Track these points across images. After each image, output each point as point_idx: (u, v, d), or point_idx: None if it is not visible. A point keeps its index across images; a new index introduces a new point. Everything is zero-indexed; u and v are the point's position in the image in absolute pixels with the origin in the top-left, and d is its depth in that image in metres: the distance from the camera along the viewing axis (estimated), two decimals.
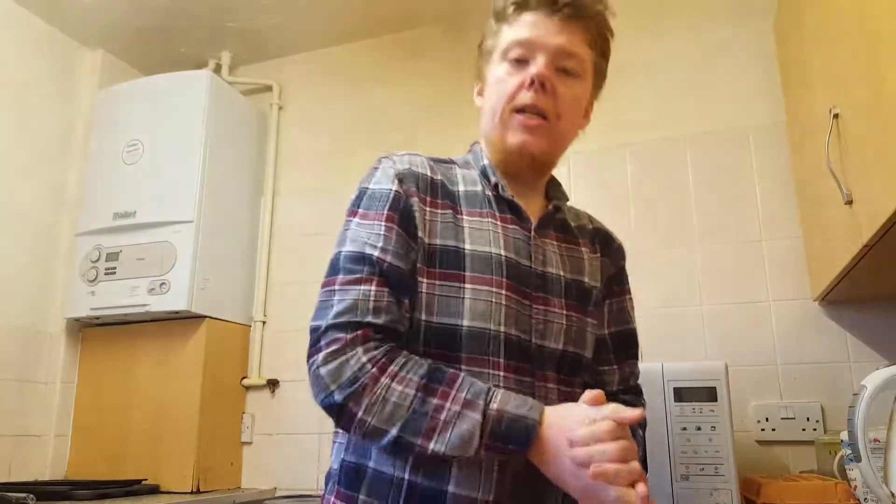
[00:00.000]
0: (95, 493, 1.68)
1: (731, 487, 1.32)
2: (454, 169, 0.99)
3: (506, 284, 0.87)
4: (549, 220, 0.98)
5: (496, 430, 0.76)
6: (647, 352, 1.85)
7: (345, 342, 0.80)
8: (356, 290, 0.83)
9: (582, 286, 0.97)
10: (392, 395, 0.78)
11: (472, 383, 0.80)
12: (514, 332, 0.87)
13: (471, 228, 0.91)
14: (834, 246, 1.42)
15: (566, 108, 0.94)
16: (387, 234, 0.86)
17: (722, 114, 1.94)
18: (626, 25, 2.10)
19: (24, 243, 2.16)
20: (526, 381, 0.86)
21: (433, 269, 0.87)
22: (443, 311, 0.85)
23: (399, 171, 0.91)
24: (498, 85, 0.94)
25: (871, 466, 1.08)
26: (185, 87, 2.23)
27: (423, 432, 0.77)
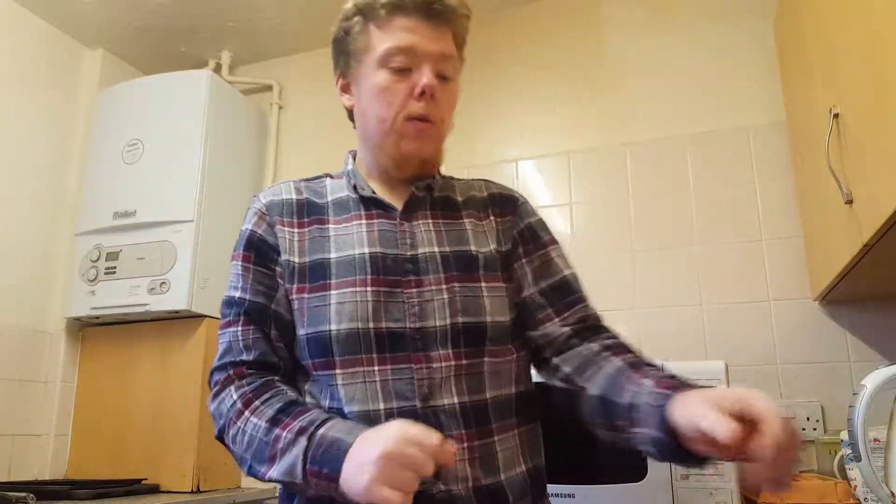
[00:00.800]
0: (95, 492, 1.68)
1: (731, 487, 1.32)
2: (325, 182, 1.03)
3: (370, 280, 0.89)
4: (417, 203, 0.98)
5: (315, 454, 0.76)
6: (647, 351, 1.85)
7: (222, 382, 0.89)
8: (229, 333, 0.92)
9: (465, 255, 0.95)
10: (248, 427, 0.83)
11: (315, 414, 0.82)
12: (385, 324, 0.87)
13: (336, 236, 0.94)
14: (834, 246, 1.42)
15: (448, 111, 0.98)
16: (244, 274, 0.94)
17: (722, 113, 1.94)
18: (627, 25, 2.12)
19: (25, 243, 2.16)
20: (403, 367, 0.86)
21: (303, 285, 0.92)
22: (313, 322, 0.89)
23: (260, 208, 0.98)
24: (383, 94, 0.93)
25: (871, 466, 1.08)
26: (186, 87, 2.22)
27: (266, 460, 0.80)
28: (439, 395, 0.86)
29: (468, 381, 0.89)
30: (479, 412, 0.88)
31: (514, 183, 2.12)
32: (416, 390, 0.86)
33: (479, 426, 0.88)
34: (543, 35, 2.21)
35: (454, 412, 0.86)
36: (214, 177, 2.17)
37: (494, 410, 0.90)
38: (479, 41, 2.27)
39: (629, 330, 1.93)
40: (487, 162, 2.16)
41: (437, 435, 0.70)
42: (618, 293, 1.91)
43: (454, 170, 2.32)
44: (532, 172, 2.12)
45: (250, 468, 0.83)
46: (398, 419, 0.77)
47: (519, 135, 2.16)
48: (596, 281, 1.93)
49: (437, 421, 0.85)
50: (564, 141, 2.10)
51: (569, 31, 2.18)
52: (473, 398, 0.88)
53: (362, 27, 0.96)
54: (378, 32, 0.94)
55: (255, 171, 2.43)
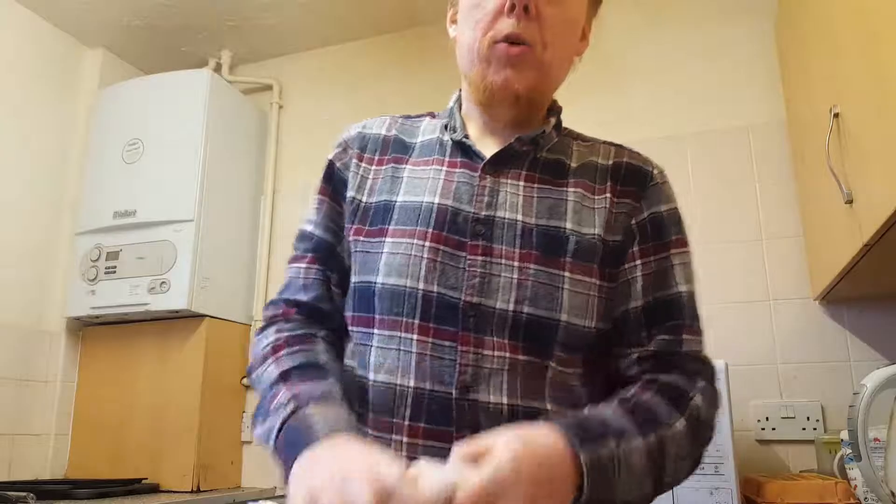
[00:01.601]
0: (95, 492, 1.68)
1: (731, 487, 1.32)
2: (423, 121, 0.91)
3: (431, 235, 0.76)
4: (511, 157, 0.81)
5: (289, 426, 0.68)
6: None
7: (269, 319, 0.85)
8: (293, 269, 0.87)
9: (556, 232, 0.77)
10: (265, 375, 0.77)
11: (318, 385, 0.72)
12: (437, 288, 0.74)
13: (410, 178, 0.82)
14: (834, 245, 1.42)
15: (556, 35, 0.79)
16: (318, 207, 0.87)
17: (722, 113, 1.94)
18: (627, 24, 2.11)
19: (25, 242, 2.16)
20: (447, 346, 0.72)
21: (362, 227, 0.82)
22: (362, 270, 0.79)
23: (346, 139, 0.89)
24: (472, 11, 0.79)
25: (871, 466, 1.08)
26: (186, 86, 2.23)
27: (261, 413, 0.74)
28: (485, 389, 0.71)
29: (524, 382, 0.72)
30: (531, 421, 0.66)
31: None
32: (456, 376, 0.71)
33: None
34: None
35: (499, 414, 0.70)
36: (214, 176, 2.17)
37: None
38: None
39: None
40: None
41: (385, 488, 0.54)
42: None
43: None
44: None
45: (254, 416, 0.76)
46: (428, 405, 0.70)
47: None
48: None
49: (473, 420, 0.70)
50: None
51: None
52: (528, 404, 0.72)
53: None
54: None
55: (255, 170, 2.42)
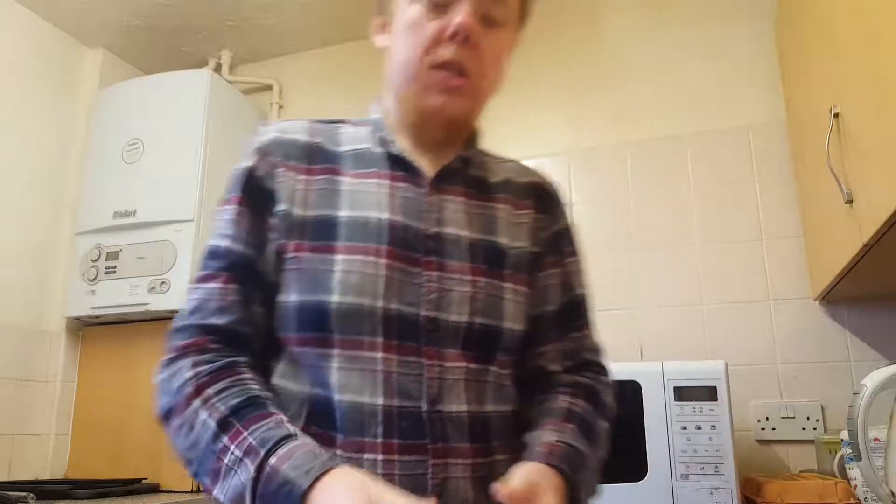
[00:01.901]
0: (95, 491, 1.68)
1: (731, 487, 1.32)
2: (342, 128, 0.88)
3: (386, 251, 0.76)
4: (451, 174, 0.84)
5: (264, 492, 0.64)
6: (647, 351, 1.86)
7: (179, 350, 0.76)
8: (204, 289, 0.77)
9: (494, 247, 0.82)
10: (197, 424, 0.70)
11: (271, 427, 0.68)
12: (396, 305, 0.74)
13: (351, 192, 0.80)
14: (834, 245, 1.42)
15: (491, 64, 0.81)
16: (236, 220, 0.79)
17: (722, 113, 1.94)
18: (628, 24, 2.11)
19: (25, 242, 2.16)
20: (412, 361, 0.73)
21: (303, 242, 0.77)
22: (311, 289, 0.75)
23: (262, 144, 0.82)
24: (411, 31, 0.79)
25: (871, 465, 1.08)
26: (186, 86, 2.22)
27: (210, 473, 0.68)
28: (448, 399, 0.74)
29: (474, 388, 0.77)
30: (483, 426, 0.76)
31: None
32: (425, 390, 0.73)
33: (482, 442, 0.76)
34: (544, 34, 2.21)
35: (461, 422, 0.74)
36: (214, 176, 2.17)
37: (495, 426, 0.78)
38: None
39: (629, 329, 1.94)
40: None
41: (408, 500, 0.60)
42: (618, 293, 1.91)
43: None
44: None
45: (196, 475, 0.72)
46: (399, 421, 0.71)
47: (519, 135, 2.16)
48: (596, 281, 1.93)
49: (442, 431, 0.73)
50: (564, 141, 2.10)
51: (569, 31, 2.18)
52: (475, 409, 0.76)
53: None
54: None
55: None
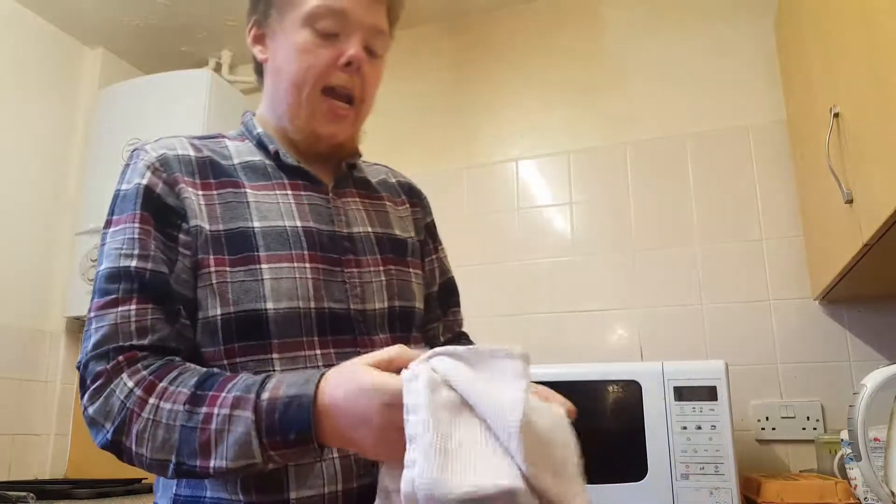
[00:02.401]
0: (95, 491, 1.68)
1: (731, 486, 1.32)
2: (224, 142, 0.90)
3: (308, 256, 0.80)
4: (346, 179, 0.93)
5: (271, 422, 0.63)
6: (647, 351, 1.86)
7: (107, 374, 0.71)
8: (113, 314, 0.73)
9: (394, 238, 0.92)
10: (161, 417, 0.67)
11: (247, 378, 0.68)
12: (328, 304, 0.80)
13: (258, 203, 0.82)
14: (834, 245, 1.42)
15: (372, 88, 0.90)
16: (142, 239, 0.77)
17: (722, 112, 1.94)
18: (628, 23, 2.11)
19: (25, 242, 2.16)
20: (348, 352, 0.78)
21: (222, 257, 0.78)
22: (242, 300, 0.77)
23: (151, 161, 0.82)
24: (303, 56, 0.84)
25: (871, 465, 1.08)
26: (186, 86, 2.22)
27: (199, 450, 0.65)
28: None
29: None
30: None
31: (514, 183, 2.12)
32: None
33: None
34: (543, 34, 2.21)
35: None
36: None
37: None
38: (478, 40, 2.28)
39: (629, 330, 1.94)
40: (487, 162, 2.16)
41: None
42: (618, 293, 1.91)
43: (456, 169, 2.32)
44: (532, 172, 2.12)
45: (179, 466, 0.67)
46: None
47: (519, 134, 2.16)
48: (596, 280, 1.94)
49: None
50: (564, 140, 2.10)
51: (569, 30, 2.18)
52: None
53: None
54: None
55: None
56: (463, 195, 2.16)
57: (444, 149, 2.19)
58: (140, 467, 0.70)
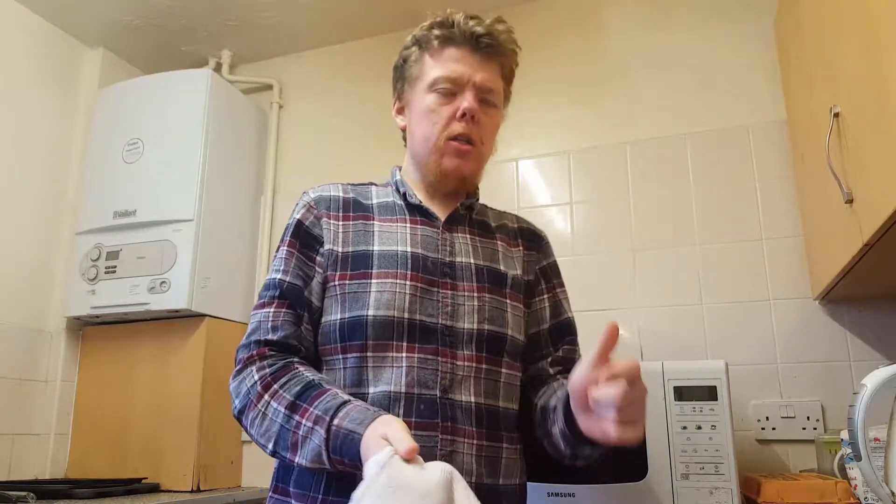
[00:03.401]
0: (95, 491, 1.68)
1: (731, 486, 1.32)
2: (370, 188, 1.11)
3: (410, 275, 0.97)
4: (458, 217, 1.08)
5: (335, 445, 0.82)
6: (647, 350, 1.86)
7: (244, 362, 0.94)
8: (260, 314, 0.97)
9: (496, 271, 1.05)
10: (269, 412, 0.89)
11: (330, 399, 0.86)
12: (420, 316, 0.95)
13: (381, 232, 1.02)
14: (834, 245, 1.42)
15: (488, 135, 1.07)
16: (287, 258, 1.00)
17: (722, 112, 1.94)
18: (627, 23, 2.12)
19: (25, 242, 2.16)
20: (430, 358, 0.94)
21: (345, 272, 0.98)
22: (352, 307, 0.96)
23: (309, 200, 1.05)
24: (430, 114, 1.03)
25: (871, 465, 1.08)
26: (186, 86, 2.22)
27: (290, 446, 0.86)
28: (458, 390, 0.94)
29: (486, 385, 0.97)
30: (492, 416, 0.96)
31: (513, 182, 2.12)
32: (439, 381, 0.93)
33: (490, 429, 0.95)
34: (543, 33, 2.21)
35: (470, 409, 0.94)
36: (215, 176, 2.17)
37: (504, 419, 0.98)
38: None
39: (629, 329, 1.94)
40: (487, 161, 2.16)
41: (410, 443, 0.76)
42: (618, 292, 1.91)
43: None
44: (532, 171, 2.12)
45: (274, 452, 0.89)
46: (417, 404, 0.90)
47: (519, 134, 2.16)
48: (596, 280, 1.94)
49: (452, 414, 0.92)
50: (564, 140, 2.10)
51: (569, 30, 2.18)
52: (489, 402, 0.96)
53: (418, 56, 1.07)
54: (431, 61, 1.05)
55: (255, 170, 2.42)
56: None
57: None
58: (251, 439, 0.92)
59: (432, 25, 1.06)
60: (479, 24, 1.04)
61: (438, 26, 1.06)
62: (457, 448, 0.91)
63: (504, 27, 1.08)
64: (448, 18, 1.05)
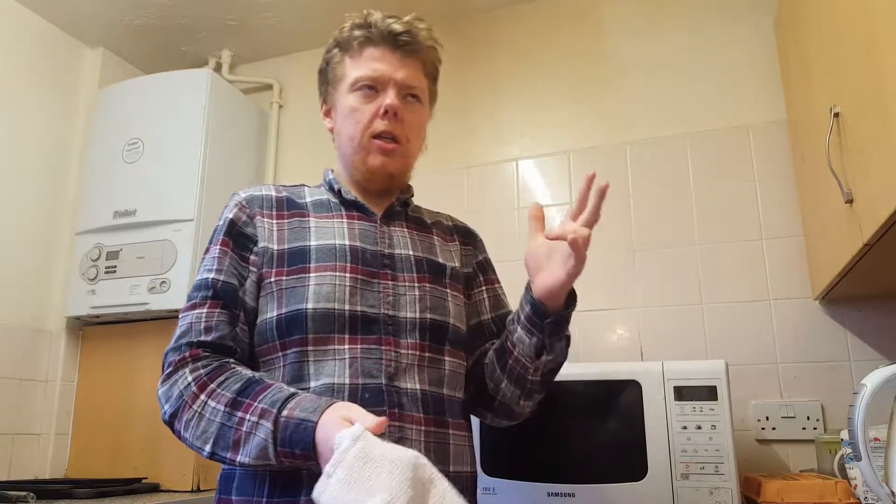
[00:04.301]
0: (95, 491, 1.68)
1: (731, 486, 1.32)
2: (303, 188, 1.11)
3: (350, 268, 0.97)
4: (394, 212, 1.09)
5: (283, 437, 0.79)
6: (647, 350, 1.86)
7: (175, 364, 0.91)
8: (191, 315, 0.94)
9: (434, 262, 1.07)
10: (206, 412, 0.86)
11: (276, 392, 0.84)
12: (361, 307, 0.95)
13: (317, 228, 1.02)
14: (834, 245, 1.42)
15: (414, 132, 1.07)
16: (220, 258, 0.98)
17: (722, 112, 1.94)
18: (628, 23, 2.12)
19: (25, 242, 2.16)
20: (373, 348, 0.94)
21: (281, 269, 0.97)
22: (290, 301, 0.94)
23: (241, 200, 1.05)
24: (353, 114, 1.04)
25: (871, 465, 1.08)
26: (186, 86, 2.22)
27: (231, 445, 0.83)
28: (403, 378, 0.94)
29: (430, 372, 0.98)
30: (437, 404, 0.97)
31: (513, 182, 2.12)
32: (384, 370, 0.93)
33: (437, 415, 0.96)
34: (543, 33, 2.21)
35: (415, 396, 0.94)
36: (215, 176, 2.17)
37: (449, 407, 1.00)
38: (478, 40, 2.28)
39: (629, 329, 1.94)
40: (487, 161, 2.16)
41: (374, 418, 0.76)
42: (617, 292, 1.91)
43: (456, 169, 2.32)
44: (532, 171, 2.12)
45: (213, 454, 0.85)
46: (362, 393, 0.90)
47: (519, 134, 2.16)
48: (596, 280, 1.94)
49: (399, 401, 0.93)
50: (564, 140, 2.10)
51: (569, 30, 2.18)
52: (433, 389, 0.97)
53: (339, 58, 1.09)
54: (351, 62, 1.06)
55: (255, 169, 2.42)
56: (463, 195, 2.16)
57: (444, 149, 2.19)
58: (186, 445, 0.88)
59: (352, 27, 1.07)
60: (398, 23, 1.05)
61: (357, 27, 1.06)
62: (405, 434, 0.91)
63: (423, 25, 1.08)
64: (366, 19, 1.06)
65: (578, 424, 1.45)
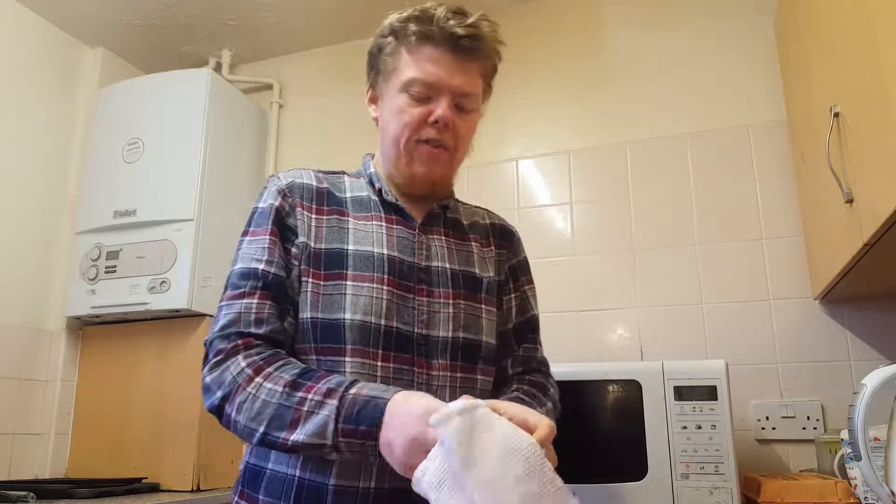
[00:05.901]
0: (95, 491, 1.68)
1: (731, 486, 1.32)
2: (343, 178, 1.07)
3: (387, 280, 0.94)
4: (434, 218, 1.05)
5: (350, 412, 0.79)
6: (647, 350, 1.86)
7: (226, 352, 0.88)
8: (240, 304, 0.91)
9: (471, 276, 1.03)
10: (262, 393, 0.83)
11: (340, 377, 0.84)
12: (396, 324, 0.93)
13: (355, 230, 0.98)
14: (834, 245, 1.42)
15: (462, 140, 1.01)
16: (270, 248, 0.94)
17: (722, 112, 1.94)
18: (628, 23, 2.12)
19: (25, 241, 2.16)
20: (405, 368, 0.92)
21: (318, 271, 0.94)
22: (327, 308, 0.92)
23: (282, 187, 0.99)
24: (400, 115, 0.98)
25: (871, 465, 1.08)
26: (186, 86, 2.22)
27: (288, 425, 0.81)
28: None
29: (462, 392, 0.93)
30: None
31: (513, 182, 2.12)
32: None
33: None
34: (543, 33, 2.21)
35: None
36: (215, 175, 2.17)
37: None
38: None
39: (629, 329, 1.94)
40: (487, 161, 2.16)
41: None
42: (618, 292, 1.91)
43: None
44: (532, 171, 2.12)
45: (265, 436, 0.82)
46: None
47: (519, 134, 2.16)
48: (596, 280, 1.94)
49: None
50: (564, 139, 2.10)
51: (569, 30, 2.18)
52: None
53: (394, 49, 1.00)
54: (407, 57, 0.98)
55: (255, 169, 2.42)
56: (463, 195, 2.14)
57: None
58: (233, 431, 0.86)
59: (409, 18, 0.98)
60: (461, 24, 0.96)
61: (416, 21, 0.97)
62: None
63: (488, 26, 0.99)
64: (427, 12, 0.97)
65: (578, 424, 1.45)
